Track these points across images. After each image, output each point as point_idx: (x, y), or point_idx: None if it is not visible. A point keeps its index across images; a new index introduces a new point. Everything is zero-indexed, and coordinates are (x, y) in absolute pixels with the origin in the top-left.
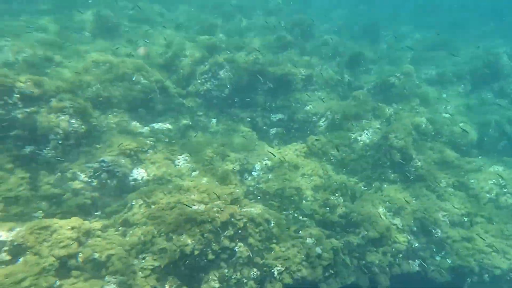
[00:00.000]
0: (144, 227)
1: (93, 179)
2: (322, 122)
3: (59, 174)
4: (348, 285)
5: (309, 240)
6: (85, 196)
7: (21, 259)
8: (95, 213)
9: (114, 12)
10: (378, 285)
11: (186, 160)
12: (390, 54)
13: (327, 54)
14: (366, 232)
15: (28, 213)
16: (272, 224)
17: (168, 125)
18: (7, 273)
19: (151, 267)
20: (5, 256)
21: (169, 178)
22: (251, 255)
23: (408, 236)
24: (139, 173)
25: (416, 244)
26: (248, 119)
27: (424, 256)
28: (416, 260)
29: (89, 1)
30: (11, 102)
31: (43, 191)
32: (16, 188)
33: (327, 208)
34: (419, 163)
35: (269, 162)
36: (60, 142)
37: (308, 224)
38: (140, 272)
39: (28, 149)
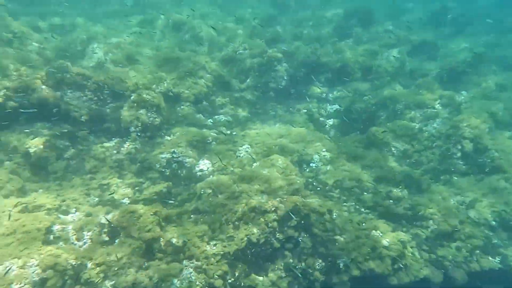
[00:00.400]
0: (212, 215)
1: (166, 169)
2: (383, 112)
3: (139, 164)
4: (420, 279)
5: (374, 233)
6: (162, 185)
7: (117, 241)
8: (170, 201)
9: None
10: (455, 280)
11: (247, 151)
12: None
13: (388, 42)
14: (436, 226)
15: (118, 199)
16: (335, 216)
17: (229, 117)
18: (109, 252)
19: (222, 253)
20: (105, 237)
21: (232, 168)
22: (315, 246)
23: (486, 231)
24: (204, 164)
25: (495, 240)
26: (304, 110)
27: (506, 253)
28: (497, 257)
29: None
30: (102, 98)
31: (127, 179)
32: (109, 176)
33: (391, 200)
34: (496, 154)
35: (327, 154)
36: (139, 134)
37: (371, 217)
38: (212, 258)
39: (114, 141)
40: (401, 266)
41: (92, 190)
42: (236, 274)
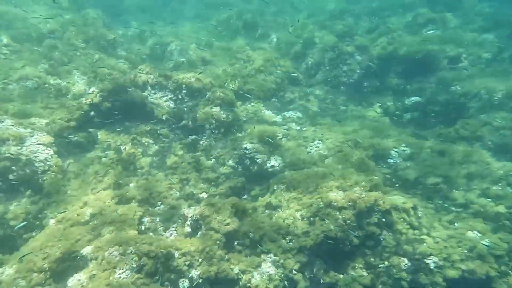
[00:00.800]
0: (287, 210)
1: (238, 165)
2: (475, 102)
3: (214, 160)
4: None
5: (470, 234)
6: (236, 180)
7: (199, 233)
8: (243, 196)
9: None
10: None
11: (318, 147)
12: None
13: (482, 26)
14: None
15: (197, 193)
16: (420, 213)
17: (298, 113)
18: (192, 242)
19: (298, 247)
20: (188, 229)
21: (303, 164)
22: (399, 244)
23: None
24: (275, 160)
25: None
26: (378, 104)
27: None
28: None
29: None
30: (180, 97)
31: (204, 174)
32: (187, 171)
33: (489, 199)
34: None
35: (406, 149)
36: (213, 131)
37: (465, 216)
38: (289, 253)
39: (191, 138)
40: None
41: (173, 184)
42: (315, 270)
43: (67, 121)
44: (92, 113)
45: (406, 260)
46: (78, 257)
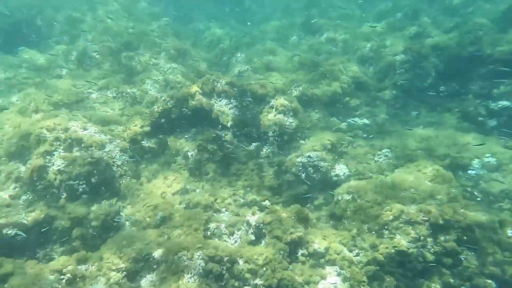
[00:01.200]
0: (353, 222)
1: (301, 173)
2: None
3: (277, 167)
4: None
5: None
6: (299, 189)
7: (263, 241)
8: (306, 205)
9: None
10: None
11: (387, 156)
12: None
13: None
14: None
15: (260, 200)
16: (511, 232)
17: (365, 120)
18: (256, 250)
19: (365, 261)
20: (252, 236)
21: (370, 174)
22: (485, 265)
23: None
24: (340, 169)
25: None
26: (457, 109)
27: None
28: None
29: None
30: (245, 104)
31: (267, 181)
32: (251, 178)
33: None
34: None
35: (491, 159)
36: (276, 138)
37: None
38: (355, 267)
39: (254, 145)
40: None
41: (237, 190)
42: (384, 287)
43: (141, 127)
44: (162, 120)
45: (493, 284)
46: (151, 259)
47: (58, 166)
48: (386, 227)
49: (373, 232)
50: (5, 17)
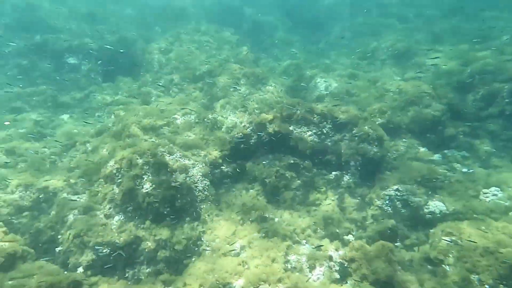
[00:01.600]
0: (454, 268)
1: (388, 207)
2: None
3: (359, 198)
4: None
5: None
6: (386, 224)
7: (348, 282)
8: (395, 244)
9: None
10: None
11: (496, 195)
12: None
13: None
14: None
15: (341, 233)
16: None
17: (464, 152)
18: None
19: None
20: (336, 275)
21: (475, 215)
22: None
23: None
24: (436, 206)
25: None
26: None
27: None
28: None
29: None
30: (325, 131)
31: (348, 213)
32: (332, 209)
33: None
34: None
35: None
36: (359, 168)
37: None
38: None
39: (334, 174)
40: None
41: (317, 221)
42: None
43: (221, 151)
44: (242, 146)
45: None
46: None
47: (147, 189)
48: (502, 280)
49: (485, 285)
50: (106, 50)
